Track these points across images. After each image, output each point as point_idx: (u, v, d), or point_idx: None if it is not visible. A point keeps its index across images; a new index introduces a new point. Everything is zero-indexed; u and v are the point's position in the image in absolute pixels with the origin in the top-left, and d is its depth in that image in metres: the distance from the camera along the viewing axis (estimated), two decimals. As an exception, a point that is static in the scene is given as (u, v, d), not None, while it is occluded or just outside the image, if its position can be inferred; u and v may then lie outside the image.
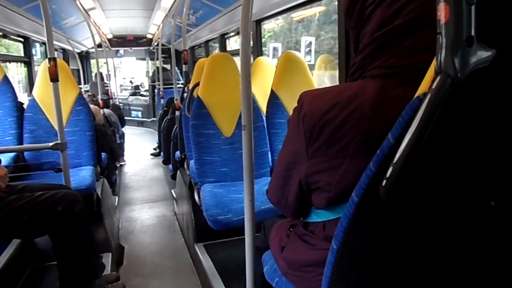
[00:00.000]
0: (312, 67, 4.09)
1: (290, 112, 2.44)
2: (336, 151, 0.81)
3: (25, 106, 2.86)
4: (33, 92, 2.81)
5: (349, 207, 0.71)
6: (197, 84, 2.53)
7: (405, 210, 0.68)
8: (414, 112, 0.59)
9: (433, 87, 0.57)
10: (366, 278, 0.77)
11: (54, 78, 2.00)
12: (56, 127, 2.27)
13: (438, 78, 0.56)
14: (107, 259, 2.36)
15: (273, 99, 2.47)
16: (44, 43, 4.94)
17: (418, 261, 0.74)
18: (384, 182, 0.61)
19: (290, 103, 2.46)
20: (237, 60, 2.37)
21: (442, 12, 0.55)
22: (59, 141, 2.06)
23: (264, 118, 2.49)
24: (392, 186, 0.60)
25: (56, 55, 2.07)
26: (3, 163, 1.87)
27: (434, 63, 0.58)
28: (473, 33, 0.54)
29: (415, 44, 0.77)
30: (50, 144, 2.05)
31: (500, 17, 0.59)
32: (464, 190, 0.69)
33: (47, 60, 2.04)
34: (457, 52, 0.54)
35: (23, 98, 3.92)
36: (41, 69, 2.83)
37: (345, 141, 0.80)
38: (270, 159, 2.48)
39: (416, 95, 0.62)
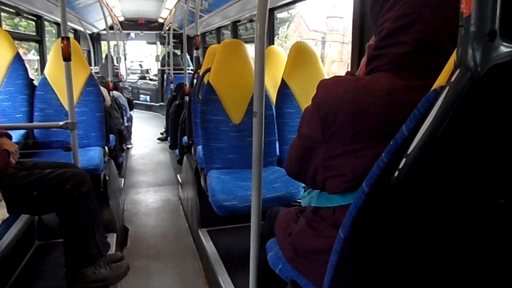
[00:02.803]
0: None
1: (300, 103, 2.47)
2: (350, 137, 0.84)
3: (35, 83, 2.88)
4: (45, 71, 2.82)
5: (358, 197, 0.71)
6: (208, 70, 2.52)
7: (414, 203, 0.68)
8: (431, 104, 0.59)
9: (452, 80, 0.56)
10: (371, 269, 0.78)
11: (66, 57, 2.00)
12: (66, 106, 2.28)
13: (458, 71, 0.56)
14: (112, 239, 2.39)
15: (284, 88, 2.45)
16: (55, 23, 4.94)
17: (425, 256, 0.74)
18: (396, 173, 0.61)
19: (300, 94, 2.45)
20: (249, 47, 2.37)
21: (465, 5, 0.54)
22: (69, 121, 2.07)
23: (274, 107, 2.49)
24: (404, 178, 0.61)
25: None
26: (13, 140, 1.88)
27: (454, 56, 0.58)
28: (496, 27, 0.54)
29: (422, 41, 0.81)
30: (61, 123, 2.06)
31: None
32: (475, 187, 0.68)
33: (59, 39, 2.04)
34: (479, 46, 0.54)
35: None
36: (53, 48, 2.83)
37: (360, 127, 0.83)
38: (277, 148, 2.48)
39: (433, 87, 0.62)
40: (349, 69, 1.99)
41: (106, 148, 2.94)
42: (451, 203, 0.69)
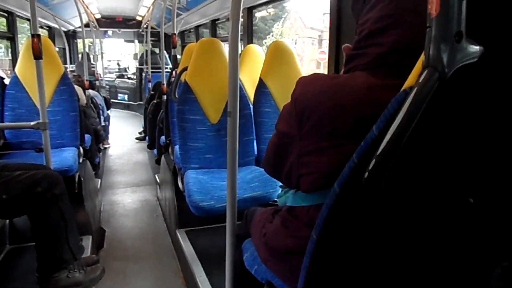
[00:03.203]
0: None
1: (278, 101, 2.47)
2: (325, 134, 0.84)
3: (6, 82, 2.79)
4: (16, 69, 2.73)
5: (330, 198, 0.71)
6: (184, 69, 2.49)
7: (386, 203, 0.68)
8: (400, 105, 0.59)
9: (420, 80, 0.56)
10: (344, 270, 0.78)
11: (37, 55, 1.95)
12: (38, 106, 2.22)
13: (425, 72, 0.56)
14: (87, 241, 2.34)
15: (261, 87, 2.45)
16: (29, 20, 4.80)
17: (397, 255, 0.75)
18: (366, 174, 0.61)
19: (278, 93, 2.45)
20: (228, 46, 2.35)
21: (433, 6, 0.54)
22: (41, 121, 2.01)
23: (251, 106, 2.48)
24: (374, 179, 0.60)
25: (41, 33, 2.01)
26: (-18, 141, 1.82)
27: (422, 57, 0.58)
28: (462, 28, 0.54)
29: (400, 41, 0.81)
30: (32, 123, 2.00)
31: (490, 13, 0.59)
32: (444, 186, 0.69)
33: (30, 36, 1.98)
34: (446, 46, 0.54)
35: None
36: (25, 46, 2.75)
37: (335, 124, 0.82)
38: (255, 147, 2.48)
39: (403, 88, 0.62)
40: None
41: (81, 148, 2.88)
42: (421, 203, 0.69)
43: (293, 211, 1.03)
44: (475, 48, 0.56)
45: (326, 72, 2.11)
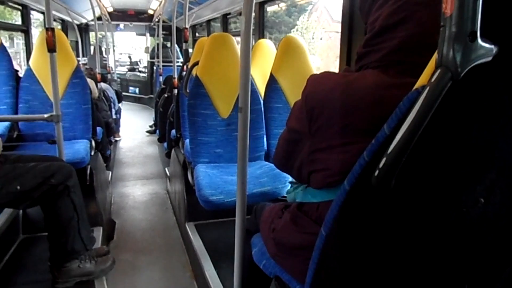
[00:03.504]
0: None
1: (288, 97, 2.46)
2: (336, 131, 0.84)
3: (20, 74, 2.83)
4: (30, 62, 2.77)
5: (340, 195, 0.72)
6: (196, 63, 2.50)
7: (395, 202, 0.69)
8: (412, 104, 0.59)
9: (432, 80, 0.56)
10: (352, 266, 0.78)
11: (51, 48, 1.97)
12: (52, 98, 2.25)
13: (438, 71, 0.56)
14: (98, 233, 2.37)
15: (272, 83, 2.45)
16: (42, 12, 4.85)
17: (405, 253, 0.75)
18: (376, 172, 0.61)
19: (288, 88, 2.45)
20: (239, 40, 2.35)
21: (447, 5, 0.54)
22: (54, 113, 2.04)
23: (262, 101, 2.48)
24: (384, 177, 0.61)
25: (54, 26, 2.03)
26: (-3, 132, 1.85)
27: (435, 56, 0.58)
28: (477, 28, 0.54)
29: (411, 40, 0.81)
30: (45, 115, 2.03)
31: (506, 14, 0.58)
32: (454, 186, 0.69)
33: (44, 30, 2.01)
34: (459, 46, 0.54)
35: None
36: (39, 39, 2.78)
37: (345, 122, 0.83)
38: (265, 143, 2.48)
39: (415, 87, 0.62)
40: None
41: (93, 141, 2.92)
42: (431, 202, 0.69)
43: (302, 207, 1.04)
44: (490, 47, 0.55)
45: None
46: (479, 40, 0.54)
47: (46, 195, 1.70)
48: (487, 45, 0.55)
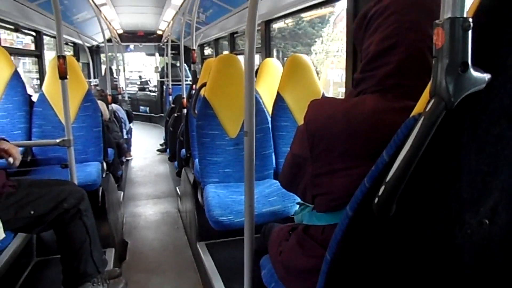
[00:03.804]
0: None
1: (296, 116, 2.48)
2: (337, 156, 0.86)
3: (33, 99, 2.90)
4: (43, 87, 2.85)
5: (343, 220, 0.73)
6: (204, 84, 2.54)
7: (398, 227, 0.69)
8: (409, 131, 0.61)
9: (427, 109, 0.58)
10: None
11: (63, 75, 2.03)
12: (64, 122, 2.30)
13: (433, 100, 0.58)
14: (110, 254, 2.39)
15: (279, 101, 2.47)
16: (55, 37, 4.98)
17: (410, 278, 0.75)
18: (376, 200, 0.62)
19: (295, 107, 2.47)
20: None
21: (438, 37, 0.56)
22: (66, 138, 2.09)
23: (270, 120, 2.50)
24: (384, 204, 0.62)
25: (66, 49, 2.09)
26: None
27: (429, 85, 0.60)
28: (467, 58, 0.55)
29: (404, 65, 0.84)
30: (57, 140, 2.08)
31: (496, 42, 0.60)
32: (457, 209, 0.70)
33: (56, 57, 2.07)
34: (452, 77, 0.56)
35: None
36: (50, 65, 2.86)
37: (346, 147, 0.85)
38: (274, 161, 2.49)
39: (412, 114, 0.64)
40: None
41: (104, 162, 2.96)
42: (433, 227, 0.70)
43: (308, 230, 1.05)
44: (481, 76, 0.57)
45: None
46: (471, 70, 0.56)
47: (58, 219, 1.73)
48: (479, 75, 0.57)
